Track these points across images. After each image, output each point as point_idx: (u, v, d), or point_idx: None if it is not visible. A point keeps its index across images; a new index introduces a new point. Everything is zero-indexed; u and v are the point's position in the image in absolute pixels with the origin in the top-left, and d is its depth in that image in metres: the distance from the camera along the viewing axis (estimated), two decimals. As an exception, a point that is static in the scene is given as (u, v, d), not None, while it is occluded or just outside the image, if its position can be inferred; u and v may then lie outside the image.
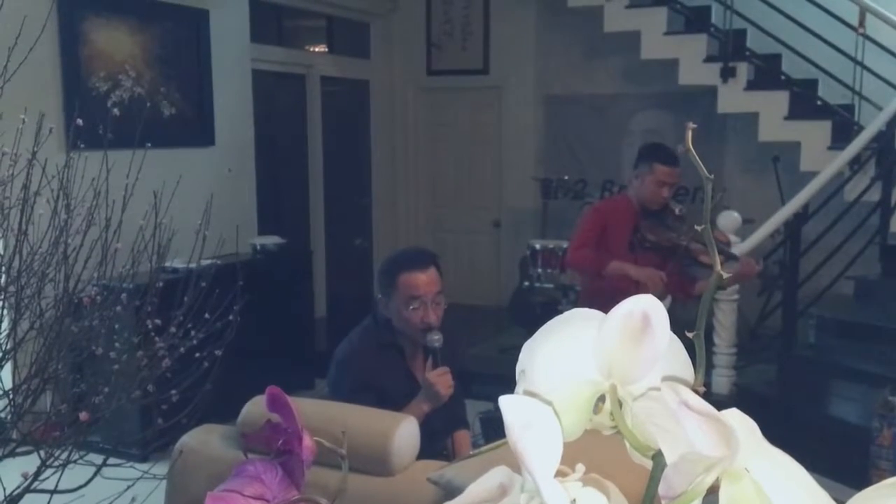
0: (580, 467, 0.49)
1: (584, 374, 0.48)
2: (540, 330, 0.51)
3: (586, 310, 0.51)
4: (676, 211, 3.75)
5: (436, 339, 2.45)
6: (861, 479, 3.22)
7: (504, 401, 0.45)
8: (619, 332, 0.47)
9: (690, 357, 0.52)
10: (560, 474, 0.47)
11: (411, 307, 2.46)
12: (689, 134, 0.52)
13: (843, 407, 4.38)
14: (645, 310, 0.47)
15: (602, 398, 0.49)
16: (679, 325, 0.52)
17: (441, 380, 2.38)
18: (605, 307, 0.50)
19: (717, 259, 0.50)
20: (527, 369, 0.50)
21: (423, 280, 2.47)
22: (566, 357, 0.49)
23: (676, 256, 3.60)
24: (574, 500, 0.46)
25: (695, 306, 0.51)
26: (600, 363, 0.48)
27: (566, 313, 0.51)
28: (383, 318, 2.55)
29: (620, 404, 0.48)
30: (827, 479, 0.44)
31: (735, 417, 0.42)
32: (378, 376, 2.44)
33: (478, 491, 0.54)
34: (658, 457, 0.46)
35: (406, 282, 2.46)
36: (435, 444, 2.37)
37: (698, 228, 0.52)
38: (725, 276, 0.51)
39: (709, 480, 0.42)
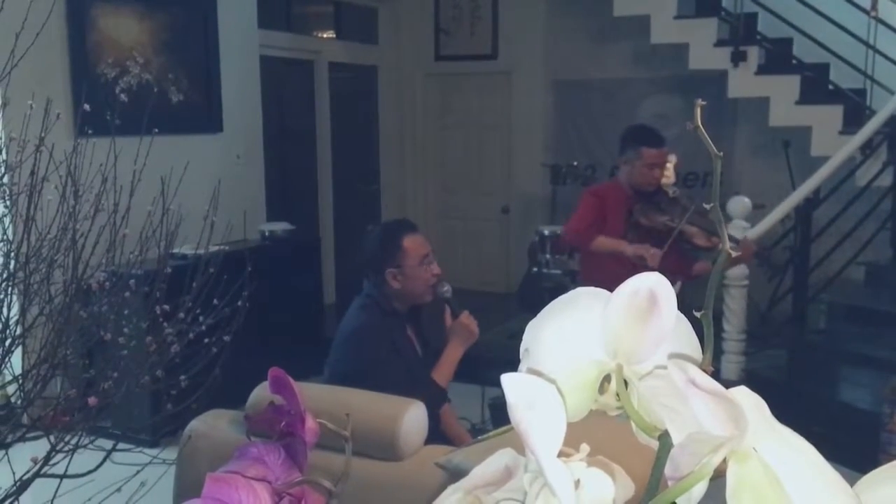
0: (585, 448, 0.49)
1: (590, 354, 0.48)
2: (545, 309, 0.51)
3: (592, 288, 0.50)
4: (670, 193, 3.74)
5: (445, 289, 2.69)
6: (871, 465, 3.19)
7: (506, 379, 0.44)
8: (625, 310, 0.47)
9: (699, 338, 0.51)
10: (564, 455, 0.46)
11: (426, 263, 2.65)
12: (699, 111, 0.52)
13: (853, 392, 4.36)
14: (651, 287, 0.46)
15: (608, 378, 0.48)
16: (688, 308, 0.51)
17: (471, 320, 2.65)
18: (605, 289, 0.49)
19: (726, 238, 0.49)
20: (531, 348, 0.49)
21: (423, 238, 2.70)
22: (571, 336, 0.49)
23: (671, 240, 3.57)
24: (578, 481, 0.46)
25: (702, 289, 0.51)
26: (606, 342, 0.48)
27: (571, 292, 0.50)
28: (378, 293, 2.66)
29: (626, 384, 0.48)
30: (837, 464, 0.43)
31: (743, 395, 0.41)
32: (395, 341, 2.61)
33: (483, 473, 0.53)
34: (664, 437, 0.45)
35: (412, 244, 2.65)
36: (432, 422, 2.37)
37: (707, 207, 0.51)
38: (734, 255, 0.50)
39: (716, 461, 0.41)
